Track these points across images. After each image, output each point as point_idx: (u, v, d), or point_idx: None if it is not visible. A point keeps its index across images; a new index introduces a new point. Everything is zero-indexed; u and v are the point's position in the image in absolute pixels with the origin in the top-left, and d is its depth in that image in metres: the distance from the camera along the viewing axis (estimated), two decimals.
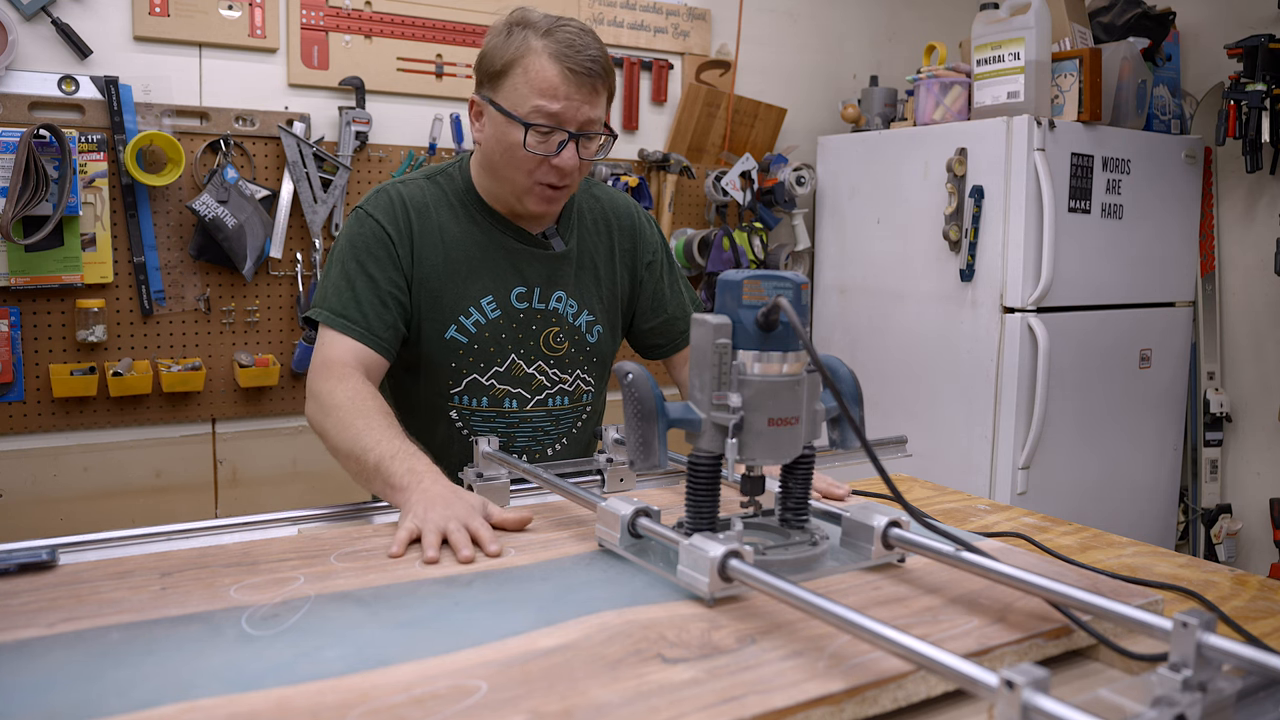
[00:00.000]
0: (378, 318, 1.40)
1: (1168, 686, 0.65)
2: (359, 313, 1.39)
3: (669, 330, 1.66)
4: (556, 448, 1.57)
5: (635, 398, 0.96)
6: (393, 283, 1.42)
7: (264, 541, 1.10)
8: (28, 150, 2.07)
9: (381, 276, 1.41)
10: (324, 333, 1.40)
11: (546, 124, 1.35)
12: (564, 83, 1.34)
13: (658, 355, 1.69)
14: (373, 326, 1.39)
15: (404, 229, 1.44)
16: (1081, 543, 1.26)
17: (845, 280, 3.13)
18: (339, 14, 2.53)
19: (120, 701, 0.70)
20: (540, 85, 1.34)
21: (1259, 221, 3.01)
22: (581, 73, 1.34)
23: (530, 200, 1.43)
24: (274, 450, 2.53)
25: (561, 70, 1.34)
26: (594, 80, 1.36)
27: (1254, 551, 3.06)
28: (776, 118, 3.24)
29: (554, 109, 1.35)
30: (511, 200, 1.45)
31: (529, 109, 1.35)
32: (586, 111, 1.37)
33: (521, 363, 1.50)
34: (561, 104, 1.35)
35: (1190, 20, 3.10)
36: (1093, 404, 2.78)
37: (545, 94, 1.34)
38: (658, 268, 1.64)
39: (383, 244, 1.42)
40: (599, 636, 0.82)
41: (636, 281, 1.63)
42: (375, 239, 1.43)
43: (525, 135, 1.35)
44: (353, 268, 1.41)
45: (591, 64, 1.35)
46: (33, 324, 2.24)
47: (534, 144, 1.36)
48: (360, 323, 1.38)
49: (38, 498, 2.27)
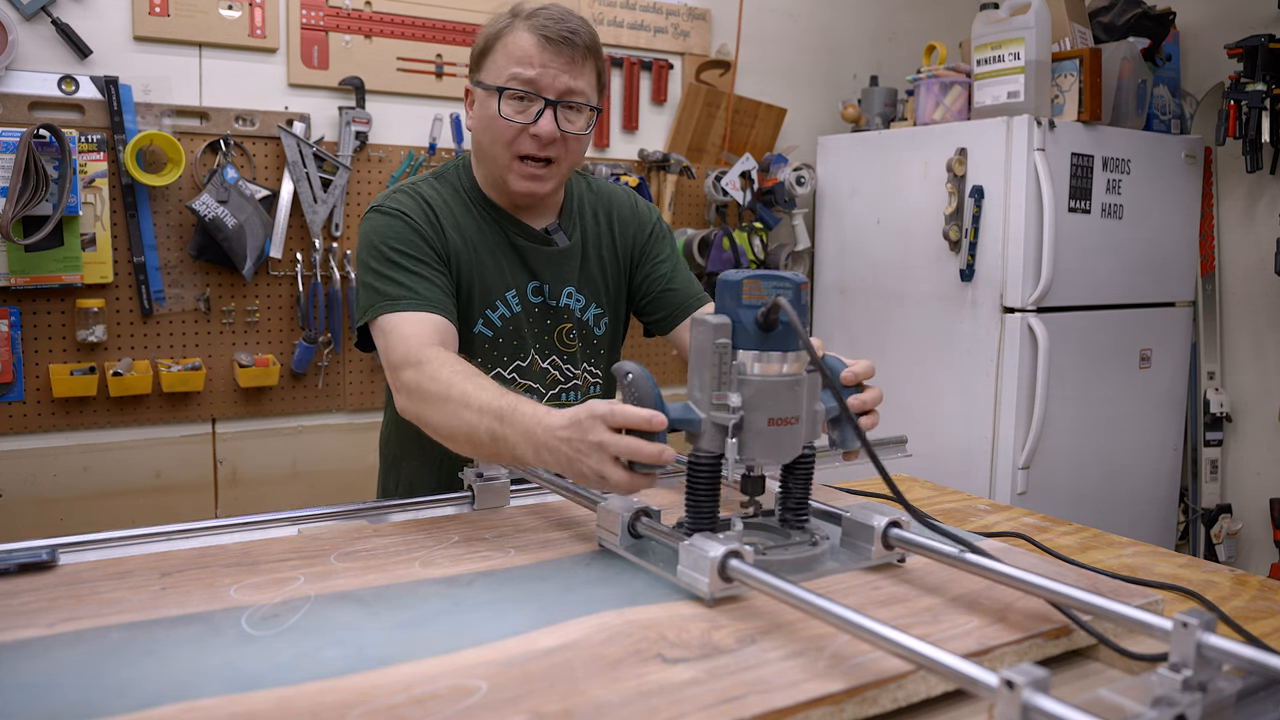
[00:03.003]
0: (426, 289, 1.33)
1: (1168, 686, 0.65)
2: (405, 290, 1.31)
3: (667, 302, 1.59)
4: None
5: (635, 398, 0.96)
6: (433, 260, 1.37)
7: (264, 541, 1.10)
8: (28, 150, 2.06)
9: (419, 255, 1.36)
10: (379, 327, 1.31)
11: (521, 89, 1.36)
12: (539, 50, 1.35)
13: (660, 329, 1.62)
14: (425, 296, 1.32)
15: (429, 222, 1.41)
16: (1081, 543, 1.26)
17: (845, 280, 3.13)
18: (339, 14, 2.53)
19: (120, 701, 0.70)
20: (516, 54, 1.36)
21: (1259, 221, 3.01)
22: (558, 40, 1.35)
23: (512, 177, 1.40)
24: (274, 450, 2.53)
25: (538, 39, 1.35)
26: (572, 50, 1.36)
27: (1254, 551, 3.06)
28: (776, 118, 3.24)
29: (529, 75, 1.35)
30: (500, 182, 1.44)
31: (506, 77, 1.36)
32: (565, 81, 1.37)
33: (538, 358, 1.51)
34: (537, 70, 1.35)
35: (1190, 20, 3.10)
36: (1093, 404, 2.78)
37: (521, 62, 1.36)
38: (654, 242, 1.60)
39: (412, 229, 1.38)
40: (599, 636, 0.81)
41: (635, 260, 1.60)
42: (405, 227, 1.38)
43: (499, 101, 1.36)
44: (382, 264, 1.35)
45: (570, 34, 1.36)
46: (33, 324, 2.24)
47: (511, 112, 1.37)
48: (410, 296, 1.31)
49: (38, 498, 2.27)
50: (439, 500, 1.28)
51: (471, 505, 1.26)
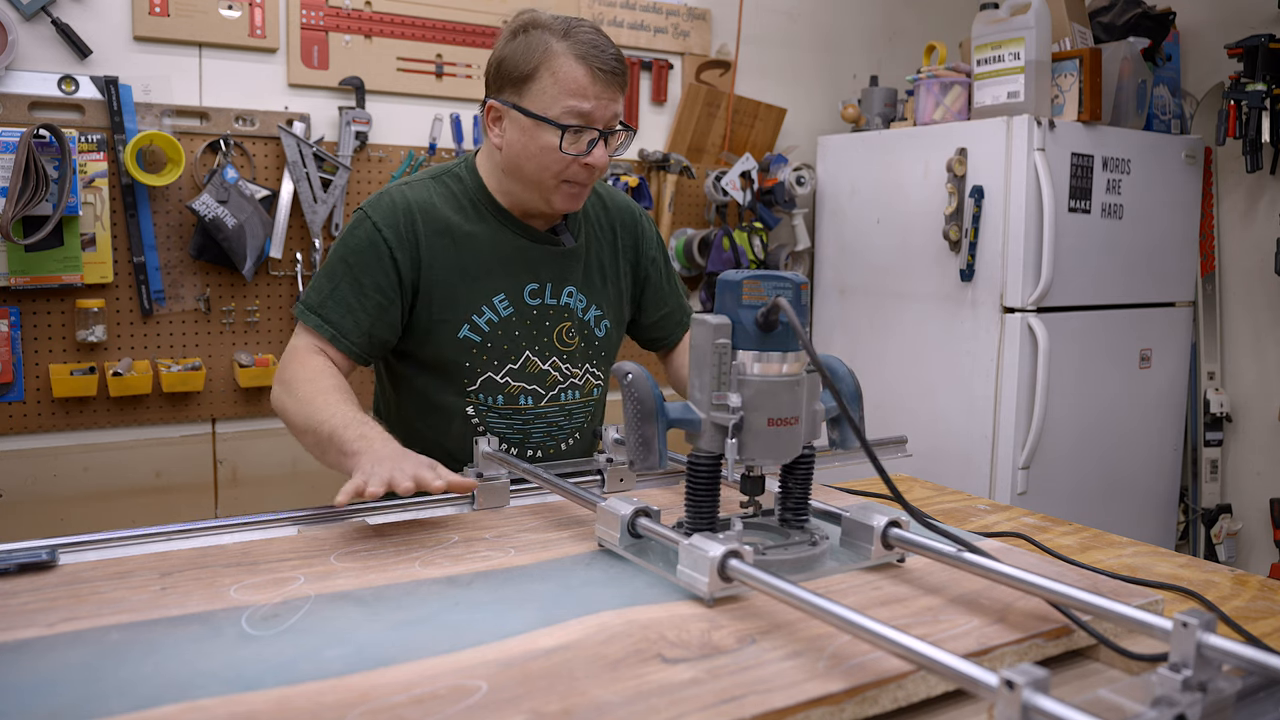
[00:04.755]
0: (352, 322, 1.42)
1: (1168, 686, 0.65)
2: (334, 313, 1.42)
3: (668, 323, 1.71)
4: (570, 443, 1.58)
5: (635, 398, 0.96)
6: (379, 288, 1.43)
7: (264, 541, 1.10)
8: (28, 150, 2.06)
9: (368, 281, 1.43)
10: (299, 325, 1.46)
11: (579, 124, 1.38)
12: (593, 83, 1.38)
13: (658, 348, 1.74)
14: (343, 328, 1.42)
15: (405, 233, 1.44)
16: (1081, 543, 1.26)
17: (845, 280, 3.13)
18: (339, 14, 2.53)
19: (120, 701, 0.70)
20: (570, 86, 1.37)
21: (1259, 221, 3.01)
22: (608, 71, 1.39)
23: (558, 199, 1.45)
24: (274, 450, 2.53)
25: (590, 70, 1.37)
26: (619, 78, 1.41)
27: (1254, 551, 3.06)
28: (776, 118, 3.24)
29: (586, 108, 1.38)
30: (537, 202, 1.46)
31: (560, 110, 1.37)
32: (614, 109, 1.42)
33: (536, 359, 1.51)
34: (592, 103, 1.38)
35: (1190, 20, 3.10)
36: (1093, 404, 2.78)
37: (576, 94, 1.37)
38: (660, 264, 1.69)
39: (375, 248, 1.43)
40: (599, 636, 0.82)
41: (641, 277, 1.66)
42: (369, 243, 1.43)
43: (561, 138, 1.38)
44: (341, 269, 1.44)
45: (616, 63, 1.40)
46: (33, 324, 2.24)
47: (568, 145, 1.39)
48: (332, 323, 1.42)
49: (38, 498, 2.27)
50: (439, 500, 1.28)
51: (471, 505, 1.26)
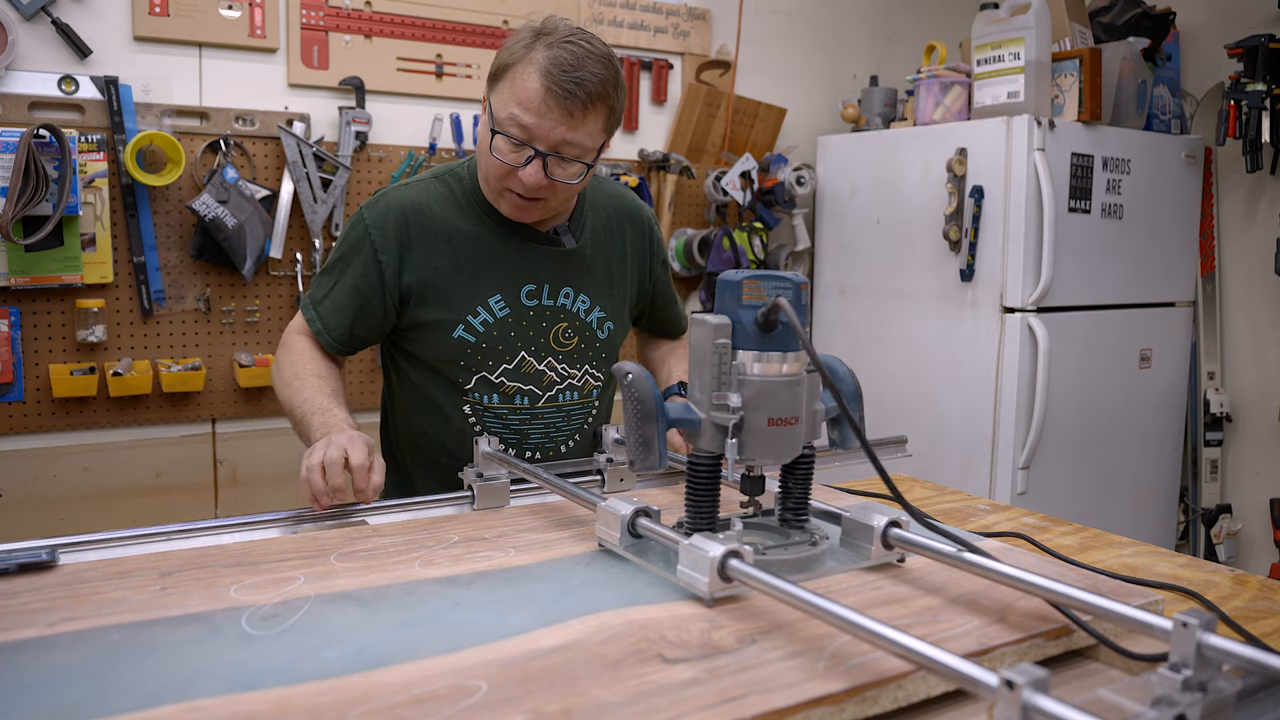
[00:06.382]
0: (337, 319, 1.49)
1: (1168, 686, 0.65)
2: (325, 308, 1.50)
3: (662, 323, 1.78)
4: (570, 444, 1.58)
5: (635, 398, 0.96)
6: (358, 289, 1.47)
7: (264, 541, 1.10)
8: (28, 150, 2.06)
9: (351, 281, 1.48)
10: (299, 312, 1.54)
11: (516, 136, 1.35)
12: (542, 100, 1.32)
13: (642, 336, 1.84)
14: (329, 324, 1.49)
15: (394, 235, 1.45)
16: (1081, 543, 1.26)
17: (845, 280, 3.13)
18: (339, 14, 2.53)
19: (120, 701, 0.70)
20: (520, 96, 1.33)
21: (1259, 221, 3.01)
22: (560, 93, 1.31)
23: (503, 204, 1.45)
24: (274, 450, 2.53)
25: (544, 87, 1.31)
26: (573, 103, 1.32)
27: (1254, 551, 3.06)
28: (776, 118, 3.24)
29: (526, 121, 1.33)
30: (496, 203, 1.47)
31: (505, 115, 1.35)
32: (561, 133, 1.33)
33: (532, 360, 1.51)
34: (534, 119, 1.32)
35: (1190, 20, 3.10)
36: (1093, 404, 2.78)
37: (522, 105, 1.33)
38: (666, 268, 1.72)
39: (362, 250, 1.47)
40: (599, 636, 0.81)
41: (648, 280, 1.68)
42: (359, 243, 1.47)
43: (492, 139, 1.36)
44: (337, 266, 1.50)
45: (575, 86, 1.31)
46: (33, 324, 2.24)
47: (501, 150, 1.36)
48: (321, 318, 1.50)
49: (38, 498, 2.27)
50: (439, 500, 1.28)
51: (471, 505, 1.26)
